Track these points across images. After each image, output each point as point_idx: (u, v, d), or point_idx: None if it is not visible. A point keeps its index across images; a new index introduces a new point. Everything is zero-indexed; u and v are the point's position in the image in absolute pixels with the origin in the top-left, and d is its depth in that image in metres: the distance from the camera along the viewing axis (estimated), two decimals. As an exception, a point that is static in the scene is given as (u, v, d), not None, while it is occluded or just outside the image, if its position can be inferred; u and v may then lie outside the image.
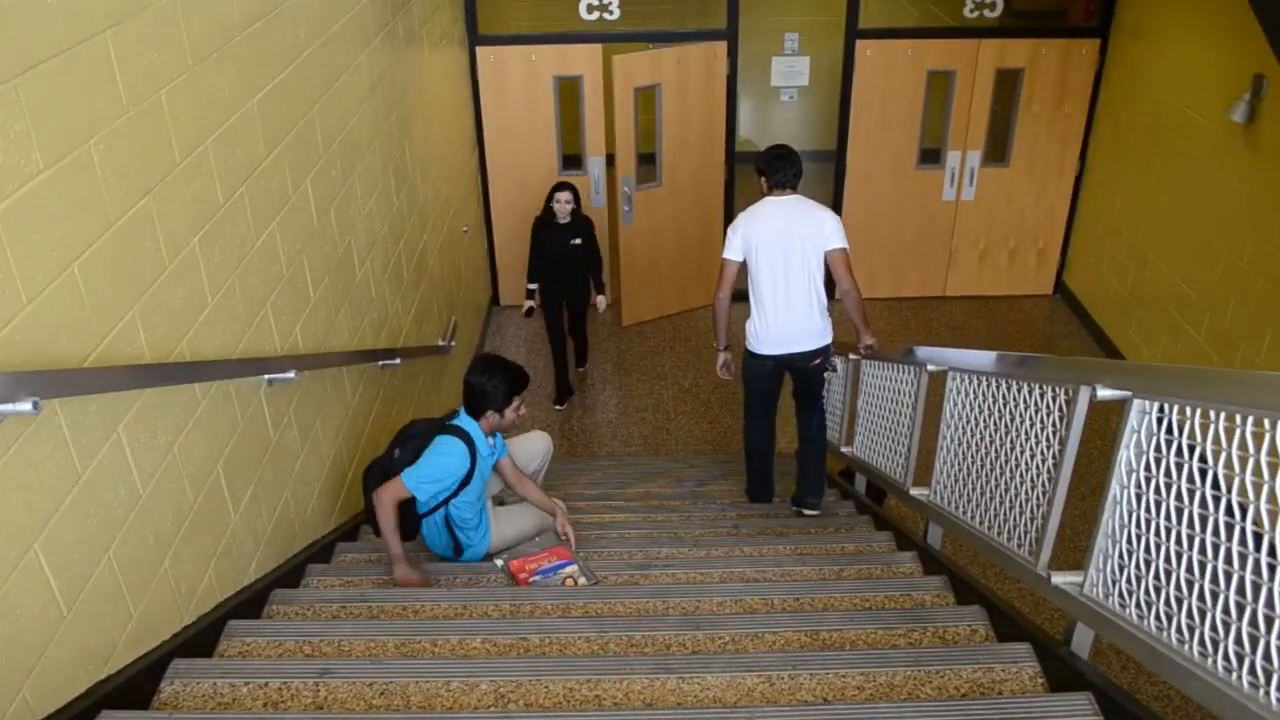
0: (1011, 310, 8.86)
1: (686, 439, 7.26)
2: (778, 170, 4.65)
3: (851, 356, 5.00)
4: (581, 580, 3.71)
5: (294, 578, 3.64)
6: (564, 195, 6.87)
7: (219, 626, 3.02)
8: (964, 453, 3.31)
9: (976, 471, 3.20)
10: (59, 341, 2.26)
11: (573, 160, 8.76)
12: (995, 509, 3.05)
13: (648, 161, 8.68)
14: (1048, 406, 2.67)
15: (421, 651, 2.90)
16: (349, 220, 4.64)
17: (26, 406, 1.99)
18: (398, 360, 5.13)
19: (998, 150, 8.59)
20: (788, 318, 4.54)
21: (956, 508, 3.37)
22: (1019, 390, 2.87)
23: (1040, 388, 2.71)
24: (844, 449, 5.14)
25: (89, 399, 2.35)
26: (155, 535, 2.71)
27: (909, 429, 3.94)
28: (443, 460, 3.75)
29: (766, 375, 4.88)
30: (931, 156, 8.65)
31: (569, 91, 8.44)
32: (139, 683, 2.56)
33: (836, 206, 8.82)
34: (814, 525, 4.41)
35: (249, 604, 3.26)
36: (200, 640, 2.91)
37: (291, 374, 3.54)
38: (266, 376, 3.46)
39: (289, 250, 3.77)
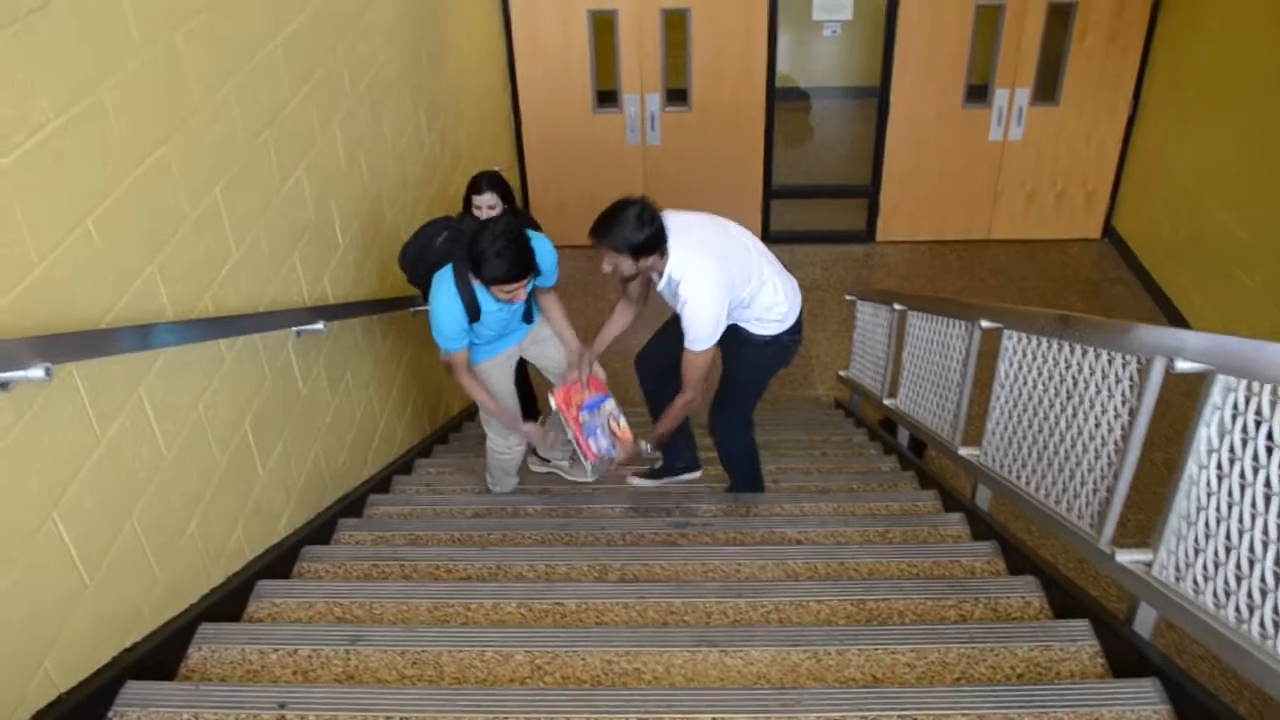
0: (1058, 254, 8.59)
1: (722, 385, 7.11)
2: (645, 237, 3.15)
3: (897, 307, 4.81)
4: (622, 422, 3.67)
5: (325, 533, 3.56)
6: (486, 198, 4.14)
7: (248, 587, 2.95)
8: (1020, 415, 3.15)
9: (1034, 436, 3.04)
10: (74, 302, 2.15)
11: (607, 97, 8.53)
12: (1054, 477, 2.90)
13: (679, 98, 8.46)
14: (1116, 374, 2.51)
15: (455, 616, 2.82)
16: (378, 163, 4.50)
17: (39, 373, 1.89)
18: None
19: (1047, 88, 8.24)
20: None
21: (1010, 472, 3.22)
22: (1084, 354, 2.70)
23: (1109, 354, 2.55)
24: (886, 401, 4.97)
25: (108, 360, 2.24)
26: (181, 497, 2.63)
27: (959, 387, 3.78)
28: (435, 305, 3.38)
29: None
30: (978, 95, 8.32)
31: (604, 27, 8.19)
32: (166, 649, 2.50)
33: (879, 146, 8.57)
34: (856, 482, 4.27)
35: (279, 562, 3.19)
36: (229, 602, 2.84)
37: (320, 325, 3.43)
38: (294, 329, 3.35)
39: (316, 195, 3.64)
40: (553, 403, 3.67)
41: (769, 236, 9.08)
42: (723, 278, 3.25)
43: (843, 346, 6.97)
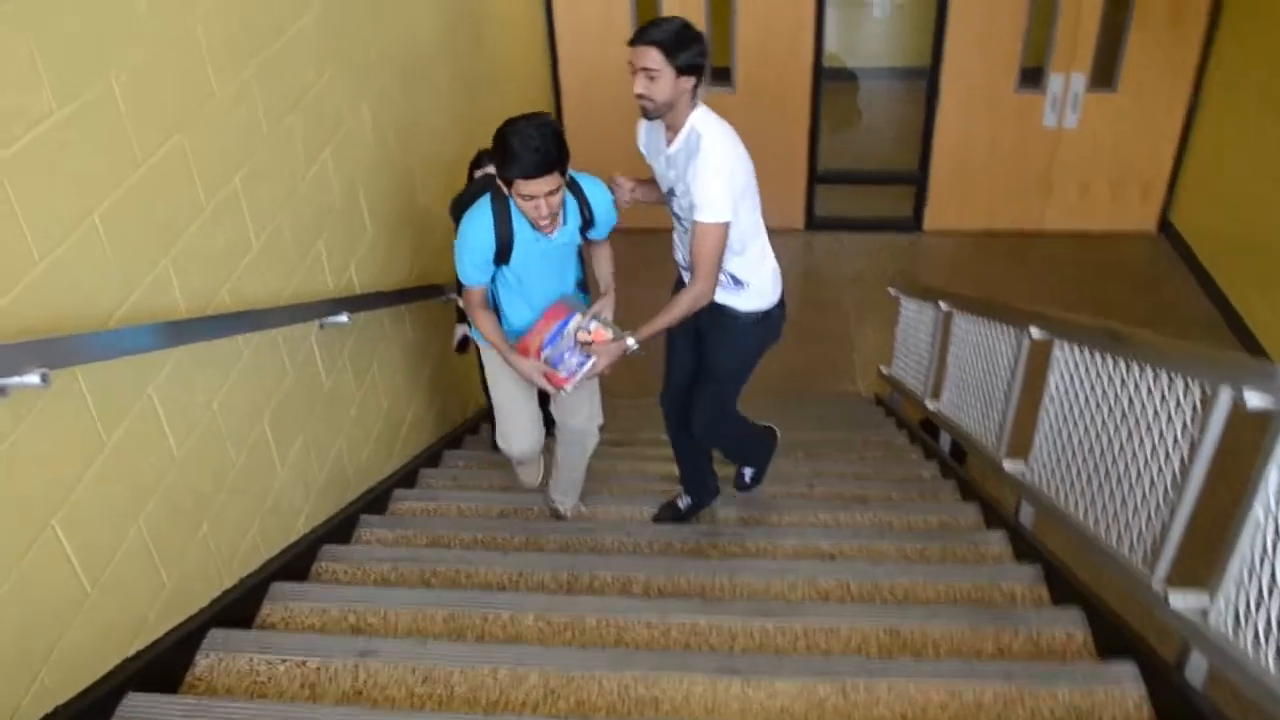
0: (1111, 248, 8.32)
1: (758, 375, 6.94)
2: None
3: (943, 306, 4.63)
4: (594, 326, 3.10)
5: (346, 530, 3.48)
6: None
7: (263, 589, 2.87)
8: (1070, 433, 2.99)
9: (1084, 457, 2.88)
10: (77, 300, 2.06)
11: (651, 75, 8.34)
12: (1104, 504, 2.74)
13: (723, 74, 8.26)
14: (1177, 400, 2.34)
15: (470, 628, 2.73)
16: (412, 141, 4.38)
17: (34, 379, 1.81)
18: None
19: (1105, 74, 7.94)
20: None
21: (1057, 494, 3.06)
22: (1141, 374, 2.54)
23: (1169, 376, 2.38)
24: (928, 403, 4.81)
25: (114, 360, 2.15)
26: (192, 498, 2.55)
27: (1005, 396, 3.61)
28: (462, 227, 3.03)
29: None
30: (1031, 79, 8.05)
31: (646, 1, 8.01)
32: (173, 656, 2.42)
33: (928, 130, 8.32)
34: (896, 490, 4.12)
35: (297, 560, 3.11)
36: (242, 605, 2.76)
37: (344, 318, 3.34)
38: (318, 321, 3.26)
39: (343, 180, 3.54)
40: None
41: (813, 223, 8.90)
42: (745, 157, 3.03)
43: (885, 340, 6.78)
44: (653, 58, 2.84)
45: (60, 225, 2.00)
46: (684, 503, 3.78)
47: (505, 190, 2.83)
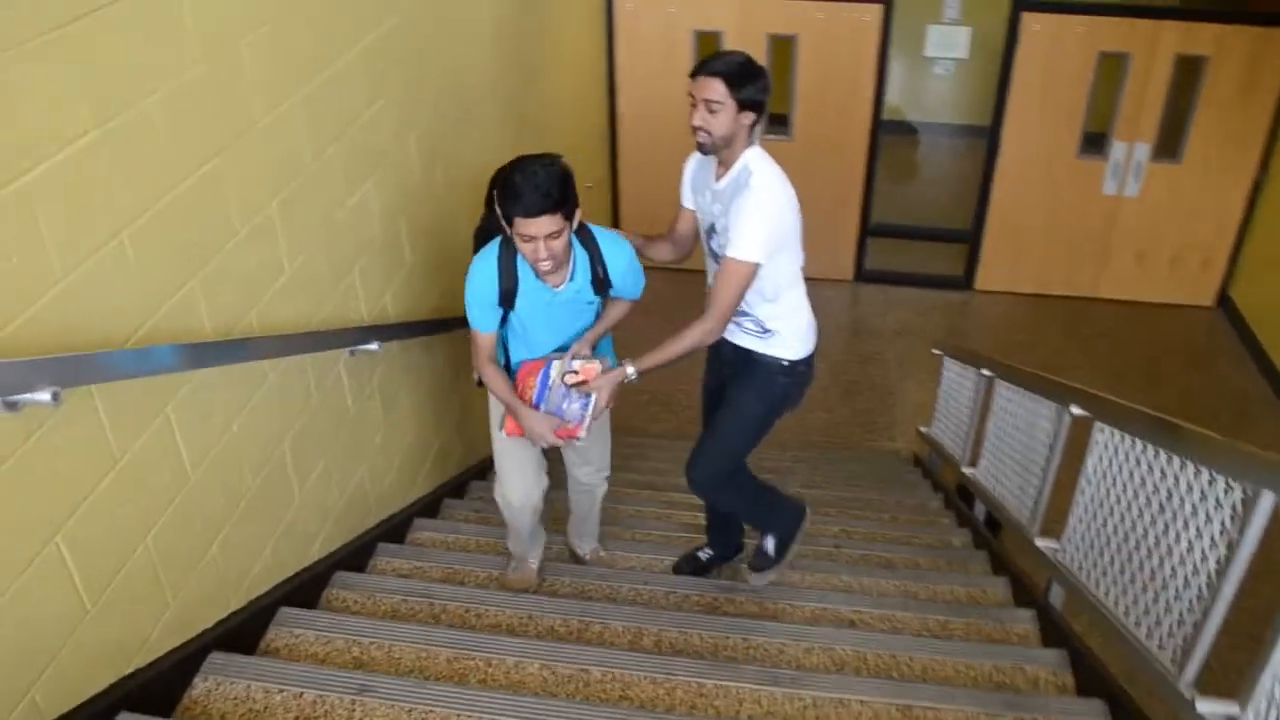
0: (1167, 320, 8.15)
1: (796, 427, 6.87)
2: None
3: (985, 372, 4.53)
4: (577, 365, 2.95)
5: (362, 558, 3.47)
6: None
7: (270, 612, 2.86)
8: (1105, 518, 2.89)
9: (1118, 545, 2.78)
10: (98, 318, 2.07)
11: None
12: (1135, 596, 2.63)
13: (780, 121, 8.25)
14: (1217, 499, 2.25)
15: (473, 671, 2.68)
16: (458, 175, 4.40)
17: (44, 397, 1.81)
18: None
19: (1170, 144, 7.81)
20: None
21: (1089, 579, 2.95)
22: (1182, 467, 2.44)
23: (1210, 474, 2.29)
24: (965, 469, 4.70)
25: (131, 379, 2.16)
26: (204, 519, 2.54)
27: (1042, 473, 3.51)
28: (470, 272, 2.93)
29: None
30: (1094, 144, 7.94)
31: (708, 48, 8.04)
32: (171, 678, 2.41)
33: (984, 190, 8.24)
34: (924, 557, 4.01)
35: (308, 586, 3.10)
36: (247, 628, 2.75)
37: (375, 346, 3.34)
38: (348, 349, 3.26)
39: (384, 211, 3.55)
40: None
41: (862, 275, 8.83)
42: (793, 201, 2.91)
43: (927, 397, 6.67)
44: (715, 89, 2.77)
45: (86, 244, 2.00)
46: (705, 554, 3.71)
47: (507, 229, 2.71)
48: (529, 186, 2.57)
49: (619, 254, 2.96)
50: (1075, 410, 3.20)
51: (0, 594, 1.86)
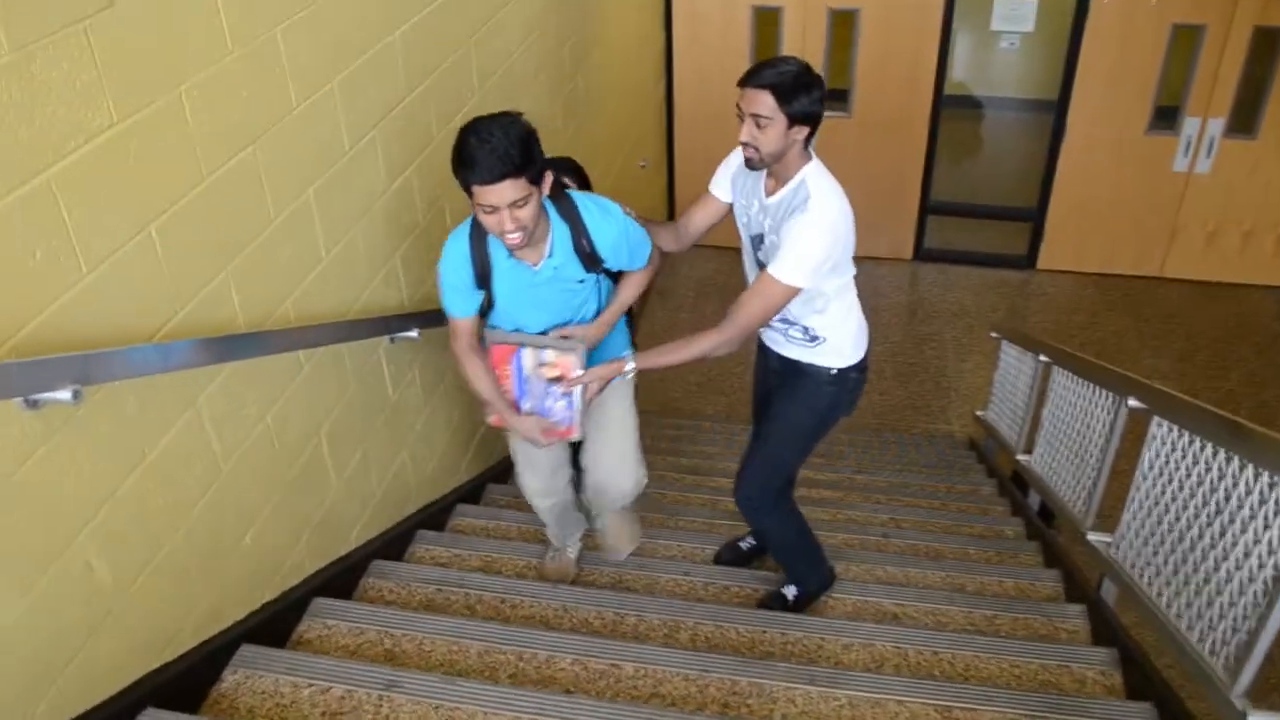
0: (1237, 301, 7.86)
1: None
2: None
3: (1042, 358, 4.40)
4: (550, 357, 2.72)
5: (400, 545, 3.46)
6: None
7: (305, 603, 2.86)
8: (1161, 515, 2.77)
9: (1173, 544, 2.66)
10: (125, 312, 2.06)
11: (764, 95, 8.22)
12: (1189, 598, 2.52)
13: (839, 97, 8.07)
14: (1277, 503, 2.14)
15: (504, 666, 2.66)
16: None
17: (65, 395, 1.81)
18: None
19: (1245, 120, 7.49)
20: None
21: (1142, 576, 2.84)
22: (1241, 469, 2.33)
23: (1271, 476, 2.17)
24: (1020, 456, 4.57)
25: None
26: (237, 511, 2.54)
27: (1098, 465, 3.39)
28: (441, 257, 2.70)
29: None
30: (1164, 120, 7.65)
31: (767, 24, 7.89)
32: (201, 671, 2.43)
33: (1050, 166, 7.99)
34: (974, 547, 3.91)
35: (344, 575, 3.10)
36: (281, 619, 2.76)
37: (414, 333, 3.31)
38: (388, 337, 3.24)
39: (427, 196, 3.52)
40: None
41: (921, 253, 8.64)
42: (850, 219, 2.66)
43: (984, 380, 6.54)
44: (764, 103, 2.52)
45: (113, 238, 1.99)
46: (747, 544, 3.65)
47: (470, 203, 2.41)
48: (484, 150, 2.27)
49: (606, 224, 2.64)
50: (1133, 402, 3.08)
51: (28, 589, 1.87)
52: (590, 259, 2.65)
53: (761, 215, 2.77)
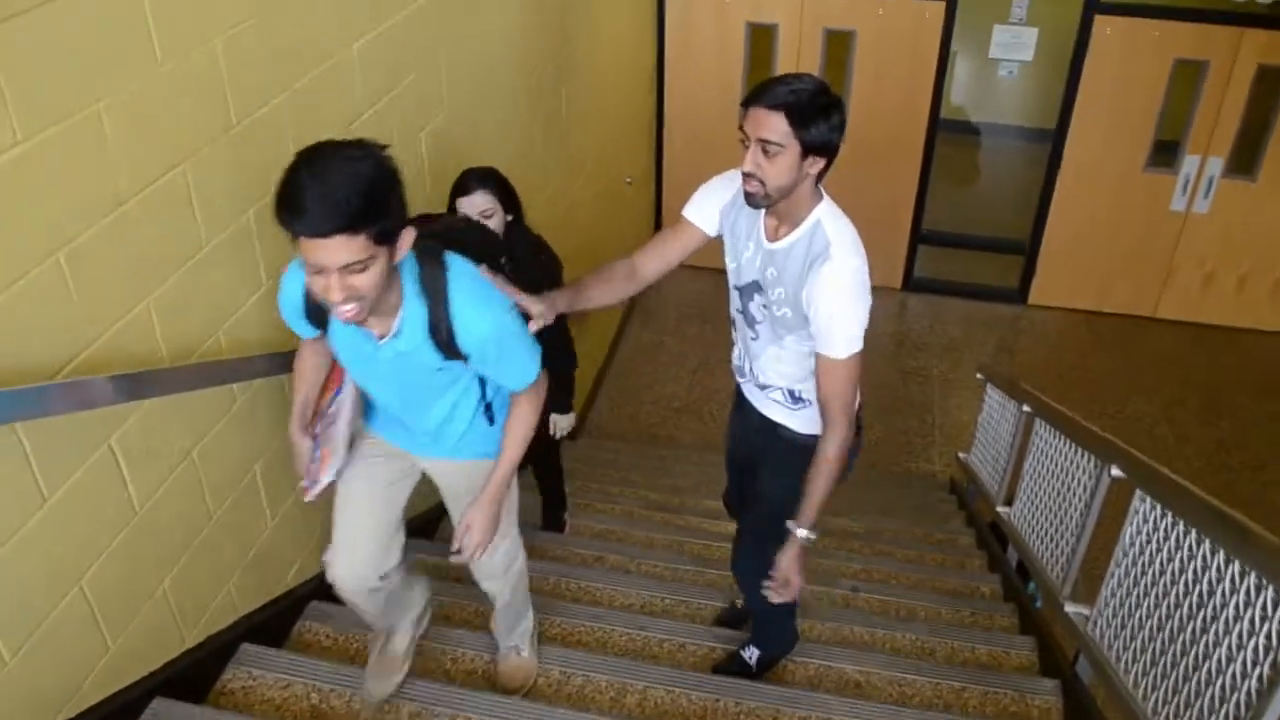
0: (1232, 344, 7.72)
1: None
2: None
3: (1025, 408, 4.24)
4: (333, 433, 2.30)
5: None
6: (477, 199, 3.08)
7: (231, 649, 2.68)
8: (1141, 597, 2.61)
9: (1152, 630, 2.51)
10: (28, 347, 1.88)
11: (758, 115, 8.07)
12: (1169, 691, 2.36)
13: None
14: (1265, 606, 1.98)
15: (437, 730, 2.49)
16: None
17: (-58, 441, 1.62)
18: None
19: (1245, 160, 7.36)
20: None
21: (1119, 660, 2.68)
22: (1227, 562, 2.17)
23: (1260, 580, 2.01)
24: (1000, 508, 4.41)
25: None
26: (154, 555, 2.37)
27: (1076, 532, 3.23)
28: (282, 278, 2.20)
29: None
30: (1163, 157, 7.51)
31: (761, 41, 7.74)
32: (104, 730, 2.24)
33: (1044, 199, 7.84)
34: (947, 607, 3.74)
35: (279, 619, 2.92)
36: (203, 667, 2.59)
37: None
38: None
39: (387, 216, 3.33)
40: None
41: (911, 284, 8.49)
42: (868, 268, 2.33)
43: (969, 418, 6.36)
44: (775, 127, 2.09)
45: (15, 266, 1.82)
46: (742, 600, 3.34)
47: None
48: (314, 191, 1.68)
49: (478, 317, 2.02)
50: (1116, 471, 2.92)
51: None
52: (449, 349, 2.05)
53: (762, 262, 2.38)
